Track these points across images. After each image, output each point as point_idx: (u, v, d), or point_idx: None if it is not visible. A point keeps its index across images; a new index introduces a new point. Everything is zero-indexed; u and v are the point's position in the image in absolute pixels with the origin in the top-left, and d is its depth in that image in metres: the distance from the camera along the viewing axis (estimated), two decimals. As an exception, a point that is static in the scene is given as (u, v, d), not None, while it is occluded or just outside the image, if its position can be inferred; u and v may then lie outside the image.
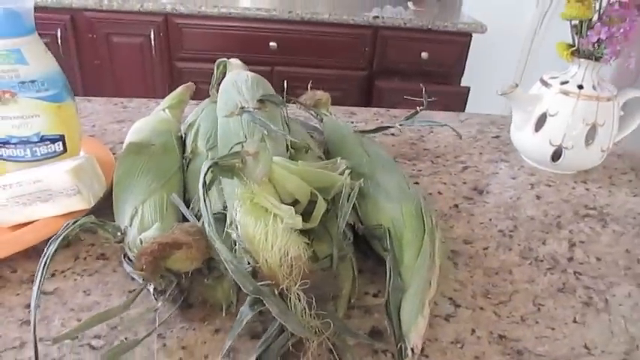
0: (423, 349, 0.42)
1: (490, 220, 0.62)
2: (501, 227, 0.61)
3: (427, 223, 0.47)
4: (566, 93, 0.71)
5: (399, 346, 0.39)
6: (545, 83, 0.74)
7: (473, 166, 0.76)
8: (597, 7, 0.68)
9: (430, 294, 0.43)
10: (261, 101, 0.55)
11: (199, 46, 2.01)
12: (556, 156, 0.73)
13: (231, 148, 0.47)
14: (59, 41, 1.95)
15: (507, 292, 0.50)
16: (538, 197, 0.69)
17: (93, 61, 2.03)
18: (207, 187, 0.40)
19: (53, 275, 0.47)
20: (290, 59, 2.05)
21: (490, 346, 0.43)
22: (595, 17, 0.69)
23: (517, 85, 0.71)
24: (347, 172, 0.45)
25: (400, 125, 0.72)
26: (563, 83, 0.72)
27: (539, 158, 0.76)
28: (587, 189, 0.72)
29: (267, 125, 0.50)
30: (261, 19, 1.97)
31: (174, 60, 2.05)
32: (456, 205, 0.64)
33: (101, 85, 2.07)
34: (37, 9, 0.52)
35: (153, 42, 1.99)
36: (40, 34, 0.53)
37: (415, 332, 0.39)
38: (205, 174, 0.40)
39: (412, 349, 0.38)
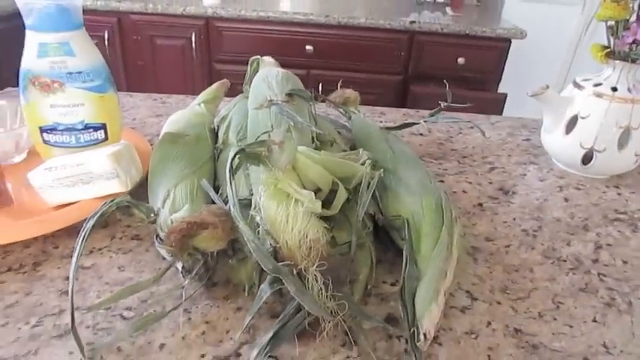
0: (436, 337, 0.43)
1: (514, 219, 0.62)
2: (525, 227, 0.61)
3: (446, 217, 0.48)
4: (599, 95, 0.71)
5: (411, 330, 0.40)
6: (577, 85, 0.74)
7: (500, 167, 0.76)
8: (635, 8, 0.67)
9: (446, 284, 0.44)
10: (289, 95, 0.57)
11: (238, 49, 2.07)
12: (587, 159, 0.72)
13: (258, 137, 0.50)
14: (106, 43, 2.04)
15: (526, 289, 0.50)
16: (566, 200, 0.68)
17: (137, 61, 2.11)
18: (233, 172, 0.43)
19: (91, 252, 0.50)
20: (325, 63, 2.08)
21: (505, 338, 0.44)
22: (632, 18, 0.68)
23: (548, 87, 0.71)
24: (368, 162, 0.47)
25: (424, 122, 0.73)
26: (596, 85, 0.72)
27: (569, 161, 0.75)
28: (619, 194, 0.71)
29: (294, 117, 0.52)
30: (298, 22, 2.01)
31: (214, 62, 2.12)
32: (480, 204, 0.65)
33: (144, 84, 2.15)
34: (86, 12, 0.56)
35: (194, 44, 2.06)
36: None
37: (428, 319, 0.40)
38: (232, 159, 0.43)
39: (424, 335, 0.39)
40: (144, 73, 2.14)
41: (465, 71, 2.09)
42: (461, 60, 2.06)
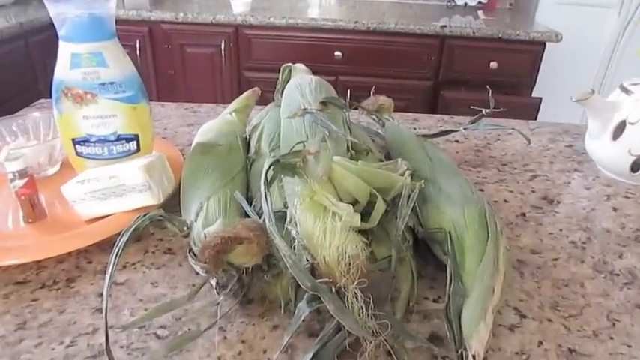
0: (485, 358, 0.40)
1: (560, 230, 0.59)
2: (573, 238, 0.57)
3: (491, 229, 0.46)
4: (648, 99, 0.67)
5: (459, 352, 0.37)
6: (625, 90, 0.70)
7: (542, 175, 0.72)
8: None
9: (493, 301, 0.41)
10: (323, 103, 0.55)
11: (267, 56, 2.07)
12: (636, 167, 0.68)
13: (293, 147, 0.48)
14: (138, 52, 2.07)
15: (578, 305, 0.47)
16: (615, 209, 0.64)
17: (167, 70, 2.14)
18: (268, 185, 0.41)
19: (124, 267, 0.50)
20: (354, 69, 2.06)
21: (558, 359, 0.41)
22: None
23: (593, 92, 0.67)
24: (407, 172, 0.45)
25: (464, 129, 0.70)
26: (645, 89, 0.68)
27: (616, 169, 0.71)
28: (671, 202, 0.67)
29: (329, 126, 0.50)
30: (327, 29, 2.00)
31: (243, 69, 2.12)
32: (523, 214, 0.62)
33: (174, 93, 2.17)
34: (118, 22, 0.55)
35: (223, 52, 2.07)
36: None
37: (477, 339, 0.38)
38: (267, 171, 0.41)
39: (474, 357, 0.37)
40: (174, 81, 2.16)
41: (497, 76, 2.04)
42: (493, 64, 2.01)
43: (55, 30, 0.53)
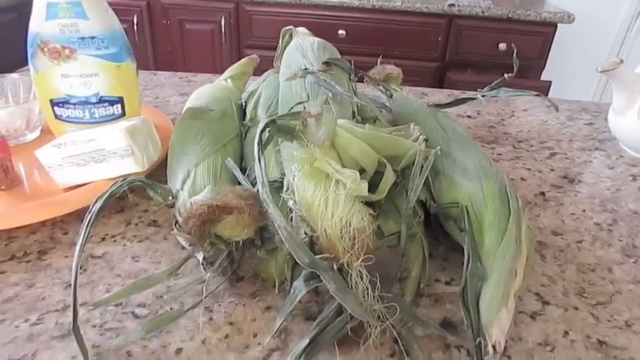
0: (505, 348, 0.35)
1: (584, 211, 0.54)
2: (597, 220, 0.52)
3: (513, 205, 0.41)
4: (679, 72, 0.61)
5: (477, 341, 0.33)
6: (653, 61, 0.64)
7: (562, 153, 0.67)
8: None
9: (516, 285, 0.36)
10: (327, 64, 0.50)
11: (268, 34, 2.00)
12: (664, 145, 0.63)
13: (292, 108, 0.43)
14: (135, 27, 2.01)
15: (607, 293, 0.42)
16: (641, 190, 0.59)
17: (166, 47, 2.07)
18: (263, 148, 0.36)
19: (103, 239, 0.45)
20: (358, 48, 2.00)
21: (587, 352, 0.36)
22: None
23: (622, 61, 0.62)
24: (422, 138, 0.39)
25: (482, 96, 0.64)
26: (676, 60, 0.62)
27: (642, 147, 0.66)
28: (701, 184, 0.62)
29: (333, 87, 0.45)
30: (330, 6, 1.93)
31: (243, 47, 2.06)
32: (543, 193, 0.57)
33: (172, 70, 2.10)
34: (115, -6, 0.49)
35: (223, 29, 2.01)
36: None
37: (498, 327, 0.33)
38: (262, 131, 0.36)
39: (494, 347, 0.32)
40: (173, 58, 2.10)
41: (506, 58, 1.97)
42: (502, 46, 1.95)
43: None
